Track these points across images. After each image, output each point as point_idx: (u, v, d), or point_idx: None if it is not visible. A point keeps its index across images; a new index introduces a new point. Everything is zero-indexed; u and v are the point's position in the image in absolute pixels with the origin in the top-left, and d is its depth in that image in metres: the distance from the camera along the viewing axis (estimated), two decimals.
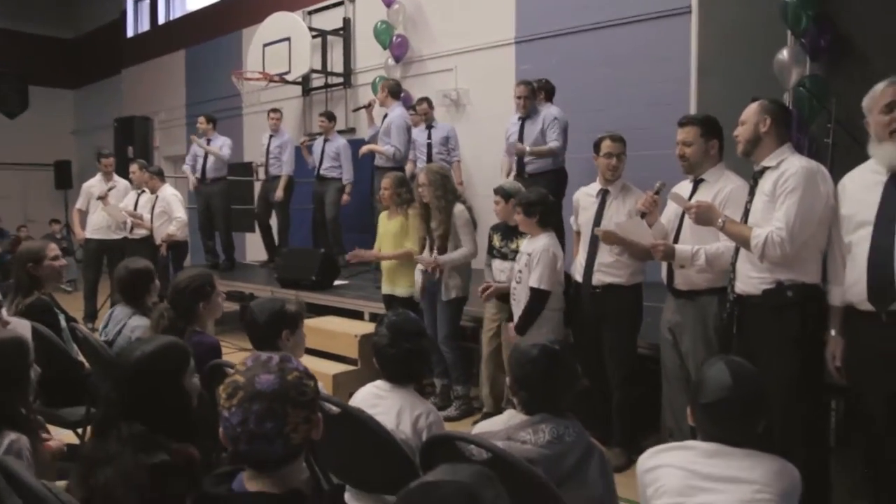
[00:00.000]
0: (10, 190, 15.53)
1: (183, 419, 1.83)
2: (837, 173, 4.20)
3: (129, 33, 14.48)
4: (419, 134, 6.81)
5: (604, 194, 3.79)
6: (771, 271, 2.72)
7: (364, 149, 6.89)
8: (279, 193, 7.60)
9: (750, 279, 2.80)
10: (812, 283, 2.73)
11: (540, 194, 3.98)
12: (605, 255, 3.67)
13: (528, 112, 5.55)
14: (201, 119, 7.92)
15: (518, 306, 3.95)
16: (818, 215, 2.69)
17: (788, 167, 2.74)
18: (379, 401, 2.25)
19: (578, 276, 3.85)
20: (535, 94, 5.63)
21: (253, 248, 10.34)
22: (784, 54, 5.22)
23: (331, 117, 7.75)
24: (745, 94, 4.62)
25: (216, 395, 1.45)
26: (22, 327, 2.95)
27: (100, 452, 1.70)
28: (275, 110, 8.06)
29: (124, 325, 3.19)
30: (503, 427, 1.96)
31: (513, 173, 5.70)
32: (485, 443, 1.78)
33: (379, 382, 2.35)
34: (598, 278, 3.72)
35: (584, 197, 3.93)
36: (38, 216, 14.94)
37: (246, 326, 2.62)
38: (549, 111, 5.60)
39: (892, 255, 2.39)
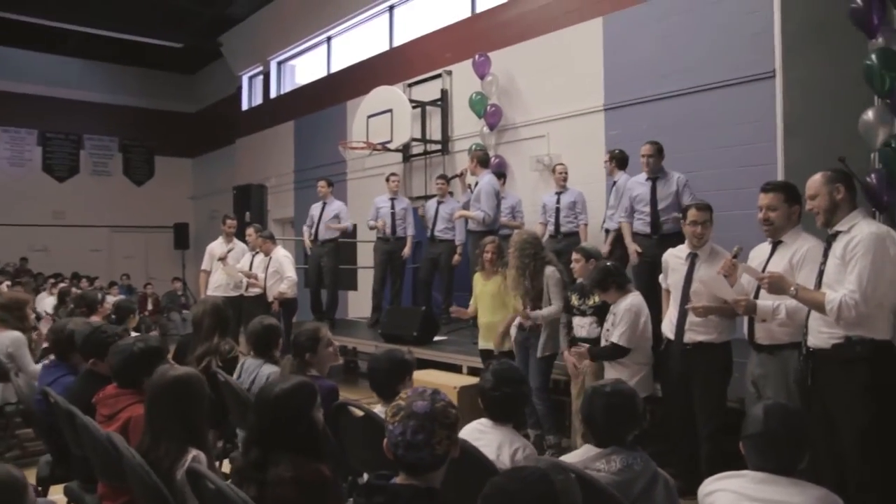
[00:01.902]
0: (135, 250, 16.97)
1: (314, 443, 2.21)
2: None
3: (244, 106, 15.76)
4: (549, 198, 7.25)
5: (693, 257, 4.00)
6: (841, 328, 2.89)
7: (457, 213, 7.32)
8: (407, 252, 8.11)
9: (821, 334, 2.97)
10: (881, 339, 2.88)
11: (601, 272, 4.26)
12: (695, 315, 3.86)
13: (654, 173, 5.65)
14: (322, 183, 8.48)
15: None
16: (889, 277, 2.86)
17: (858, 232, 2.92)
18: (482, 435, 2.59)
19: (668, 333, 4.05)
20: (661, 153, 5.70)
21: (355, 304, 10.93)
22: (869, 115, 5.31)
23: (447, 180, 8.17)
24: (832, 154, 4.82)
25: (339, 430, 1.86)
26: None
27: (248, 468, 2.11)
28: (394, 174, 8.58)
29: (257, 373, 3.65)
30: (580, 458, 2.25)
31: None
32: (572, 468, 2.07)
33: (483, 420, 2.70)
34: (690, 336, 3.90)
35: (672, 259, 4.15)
36: (158, 274, 16.20)
37: (369, 373, 3.05)
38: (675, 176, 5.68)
39: None
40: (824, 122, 5.77)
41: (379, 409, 2.96)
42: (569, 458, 2.35)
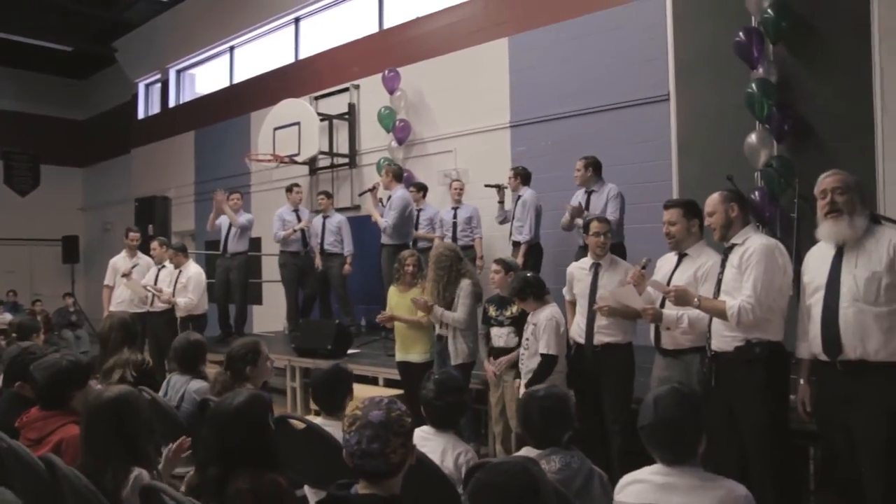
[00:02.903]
0: (18, 264, 15.98)
1: (270, 454, 2.27)
2: (803, 243, 4.78)
3: (141, 115, 15.24)
4: (446, 213, 7.52)
5: (596, 267, 4.29)
6: (741, 331, 3.21)
7: (368, 208, 7.55)
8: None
9: (724, 338, 3.28)
10: (776, 340, 3.22)
11: (521, 280, 4.49)
12: (603, 318, 4.13)
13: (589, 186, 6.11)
14: (235, 196, 8.39)
15: (526, 371, 4.40)
16: (778, 284, 3.21)
17: (751, 244, 3.26)
18: (426, 442, 2.70)
19: (577, 338, 4.30)
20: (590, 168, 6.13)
21: (259, 319, 10.78)
22: (753, 138, 5.84)
23: (328, 195, 8.32)
24: (721, 173, 5.28)
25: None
26: None
27: (208, 484, 2.15)
28: (297, 185, 8.59)
29: (185, 389, 3.63)
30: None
31: None
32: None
33: (425, 427, 2.82)
34: (598, 339, 4.17)
35: (577, 270, 4.43)
36: (45, 289, 15.32)
37: (313, 387, 3.15)
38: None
39: (837, 314, 2.91)
40: (713, 143, 6.27)
41: (320, 422, 3.03)
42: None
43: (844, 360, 2.90)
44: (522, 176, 6.83)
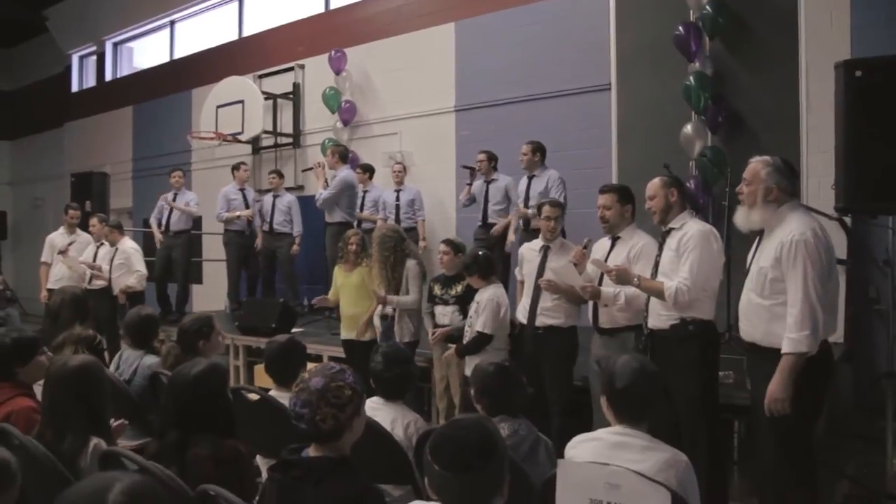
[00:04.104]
0: None
1: (228, 421, 2.35)
2: (733, 230, 5.03)
3: (75, 88, 14.72)
4: (389, 195, 7.56)
5: (545, 249, 4.42)
6: (676, 310, 3.41)
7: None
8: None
9: (660, 316, 3.48)
10: (708, 319, 3.43)
11: (471, 256, 4.64)
12: (546, 300, 4.29)
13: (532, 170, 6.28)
14: (177, 174, 8.32)
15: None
16: (713, 267, 3.42)
17: (689, 229, 3.46)
18: (375, 413, 2.80)
19: (522, 318, 4.46)
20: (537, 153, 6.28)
21: (199, 298, 10.66)
22: (688, 128, 6.11)
23: (280, 174, 8.34)
24: (659, 161, 5.51)
25: None
26: None
27: (168, 450, 2.22)
28: (243, 163, 8.57)
29: (139, 364, 3.63)
30: None
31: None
32: None
33: (374, 398, 2.92)
34: (541, 321, 4.32)
35: (528, 251, 4.57)
36: None
37: (266, 358, 3.23)
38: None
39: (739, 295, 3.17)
40: (651, 132, 6.52)
41: (273, 393, 3.10)
42: None
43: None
44: (496, 160, 6.89)
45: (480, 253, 4.73)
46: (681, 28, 6.08)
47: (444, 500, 1.67)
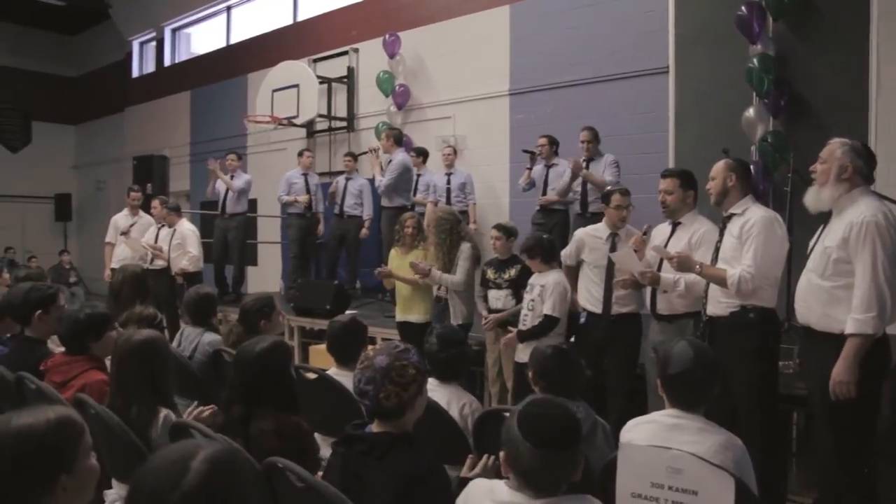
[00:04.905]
0: (10, 221, 15.87)
1: (291, 398, 2.41)
2: (795, 217, 4.91)
3: (135, 73, 15.11)
4: (440, 178, 7.54)
5: (613, 237, 4.37)
6: (737, 297, 3.33)
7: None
8: (322, 229, 8.35)
9: (720, 303, 3.42)
10: (769, 307, 3.36)
11: (535, 239, 4.61)
12: (618, 288, 4.20)
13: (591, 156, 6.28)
14: (232, 156, 8.47)
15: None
16: (776, 254, 3.34)
17: (752, 216, 3.37)
18: (431, 394, 2.81)
19: (589, 306, 4.35)
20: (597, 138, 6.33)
21: (255, 280, 10.89)
22: (750, 112, 5.95)
23: (354, 157, 8.35)
24: (717, 146, 5.36)
25: None
26: None
27: (233, 423, 2.28)
28: (308, 150, 8.74)
29: (199, 341, 3.74)
30: None
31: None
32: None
33: (430, 379, 2.94)
34: (615, 309, 4.28)
35: (590, 238, 4.47)
36: (36, 247, 15.27)
37: (328, 338, 3.29)
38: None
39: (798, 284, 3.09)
40: (711, 116, 6.37)
41: (332, 372, 3.16)
42: None
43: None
44: (557, 144, 6.85)
45: (546, 236, 4.71)
46: (743, 8, 5.92)
47: (528, 478, 1.69)
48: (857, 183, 2.95)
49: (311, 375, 3.09)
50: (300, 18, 11.29)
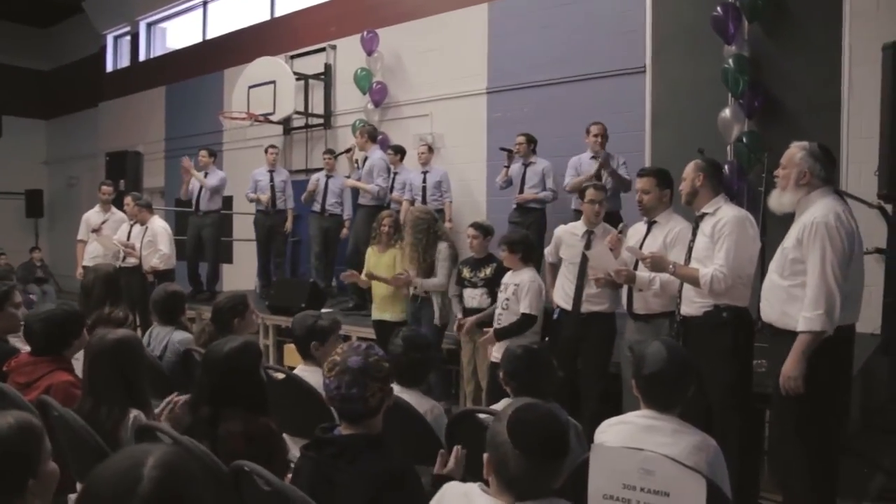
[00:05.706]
0: None
1: (260, 399, 2.36)
2: (769, 216, 4.94)
3: (109, 68, 14.86)
4: (415, 177, 7.46)
5: (589, 234, 4.35)
6: (710, 297, 3.36)
7: (348, 182, 7.48)
8: (289, 226, 8.27)
9: (693, 303, 3.44)
10: (742, 306, 3.38)
11: (522, 235, 4.59)
12: (592, 286, 4.20)
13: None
14: (203, 153, 8.37)
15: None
16: (748, 254, 3.37)
17: (724, 215, 3.39)
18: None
19: (562, 303, 4.38)
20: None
21: (229, 277, 10.78)
22: (726, 112, 6.00)
23: (334, 155, 8.22)
24: (693, 145, 5.40)
25: None
26: None
27: (200, 424, 2.24)
28: (273, 146, 8.61)
29: (169, 340, 3.68)
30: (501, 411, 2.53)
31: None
32: (494, 413, 2.34)
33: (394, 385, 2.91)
34: (586, 307, 4.26)
35: (567, 235, 4.46)
36: (6, 244, 14.92)
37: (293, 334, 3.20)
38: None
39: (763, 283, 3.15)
40: (687, 116, 6.41)
41: (299, 369, 3.12)
42: (490, 411, 2.63)
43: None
44: (535, 143, 6.86)
45: (530, 234, 4.70)
46: (719, 10, 5.95)
47: (513, 485, 1.64)
48: (815, 185, 3.01)
49: (280, 376, 3.04)
50: (277, 14, 11.18)
